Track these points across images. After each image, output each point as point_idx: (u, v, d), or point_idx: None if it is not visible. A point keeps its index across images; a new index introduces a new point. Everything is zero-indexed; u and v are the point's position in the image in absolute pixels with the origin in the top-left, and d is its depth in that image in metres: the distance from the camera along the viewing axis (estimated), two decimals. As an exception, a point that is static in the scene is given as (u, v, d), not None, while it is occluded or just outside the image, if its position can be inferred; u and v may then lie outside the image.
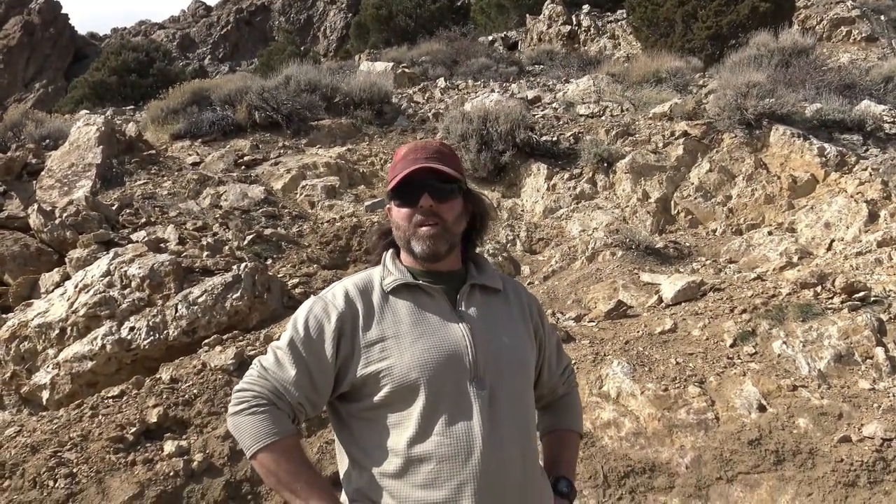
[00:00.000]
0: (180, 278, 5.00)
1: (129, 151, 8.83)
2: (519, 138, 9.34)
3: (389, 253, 1.86)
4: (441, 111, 11.74)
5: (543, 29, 19.76)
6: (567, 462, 2.02)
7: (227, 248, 5.88)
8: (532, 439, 1.81)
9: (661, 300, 5.51)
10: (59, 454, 3.41)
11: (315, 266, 5.91)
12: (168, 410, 3.74)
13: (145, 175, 8.32)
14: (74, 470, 3.31)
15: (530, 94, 12.18)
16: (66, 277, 5.54)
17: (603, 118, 10.51)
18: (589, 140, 9.48)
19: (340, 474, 1.83)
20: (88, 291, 4.93)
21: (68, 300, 4.97)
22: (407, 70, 15.53)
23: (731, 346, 4.42)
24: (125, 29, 53.22)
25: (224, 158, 9.54)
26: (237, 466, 3.45)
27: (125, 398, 3.92)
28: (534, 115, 10.67)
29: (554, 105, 11.44)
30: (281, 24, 43.81)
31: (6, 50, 41.62)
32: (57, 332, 4.85)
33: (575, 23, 19.50)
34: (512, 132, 9.34)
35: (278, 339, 1.83)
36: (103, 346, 4.63)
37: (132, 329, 4.70)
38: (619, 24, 18.75)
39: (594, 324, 5.26)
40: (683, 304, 5.31)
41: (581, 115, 10.79)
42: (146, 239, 5.79)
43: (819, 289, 4.83)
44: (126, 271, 5.00)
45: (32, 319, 4.97)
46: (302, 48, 30.78)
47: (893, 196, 7.22)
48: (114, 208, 6.83)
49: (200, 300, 4.81)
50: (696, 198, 8.41)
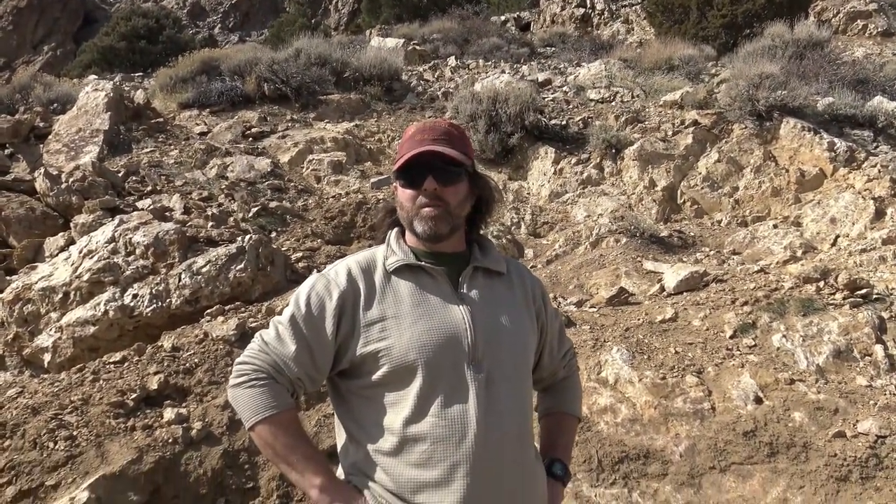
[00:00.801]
0: (184, 247, 5.02)
1: (136, 119, 8.82)
2: (528, 121, 9.30)
3: (394, 232, 1.86)
4: (451, 90, 11.69)
5: (556, 11, 19.60)
6: (563, 445, 2.04)
7: (231, 219, 5.88)
8: (528, 424, 1.81)
9: (663, 289, 5.52)
10: (60, 417, 3.43)
11: (319, 241, 5.91)
12: (169, 378, 3.76)
13: (152, 143, 8.31)
14: (74, 433, 3.33)
15: (541, 77, 12.10)
16: (71, 242, 5.56)
17: (613, 104, 10.45)
18: (598, 125, 9.43)
19: (338, 448, 1.85)
20: (93, 257, 4.95)
21: (72, 265, 4.99)
22: (418, 47, 15.43)
23: (731, 337, 4.43)
24: (135, -6, 52.84)
25: (232, 129, 9.53)
26: (235, 436, 3.48)
27: (126, 364, 3.95)
28: (544, 98, 10.62)
29: (564, 88, 11.37)
30: (292, -4, 43.44)
31: (15, 11, 41.32)
32: (60, 296, 4.88)
33: (589, 6, 19.35)
34: (521, 114, 9.30)
35: (280, 313, 1.84)
36: (106, 312, 4.66)
37: (135, 296, 4.72)
38: (634, 8, 18.58)
39: (595, 310, 5.27)
40: (685, 293, 5.31)
41: (591, 100, 10.73)
42: (151, 207, 5.80)
43: (821, 284, 4.83)
44: (131, 238, 5.02)
45: (36, 282, 4.99)
46: (313, 21, 30.56)
47: (901, 194, 7.18)
48: (120, 175, 6.83)
49: (204, 270, 4.83)
50: (702, 188, 8.38)
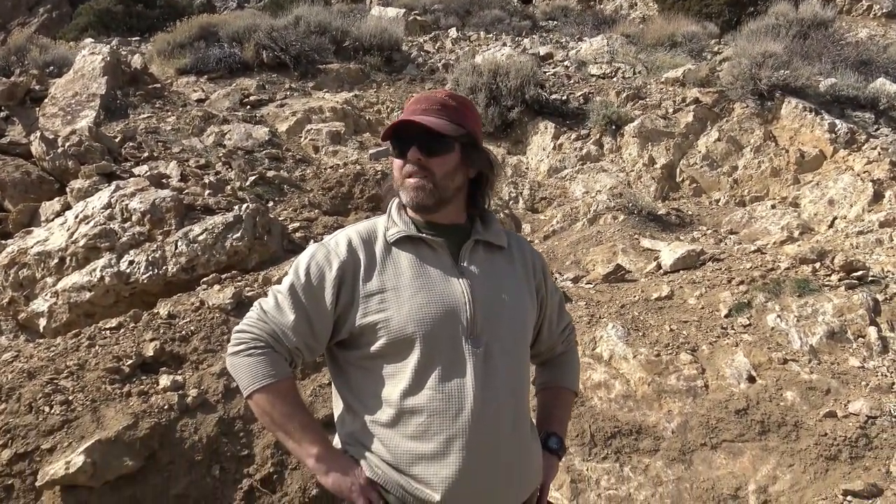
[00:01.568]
0: (181, 215, 4.99)
1: (133, 84, 8.72)
2: (528, 95, 9.24)
3: (395, 203, 1.84)
4: (451, 62, 11.58)
5: (560, -16, 19.34)
6: (559, 419, 2.05)
7: (229, 187, 5.85)
8: (524, 398, 1.82)
9: (659, 267, 5.53)
10: (56, 381, 3.44)
11: (316, 211, 5.89)
12: (164, 345, 3.76)
13: (149, 109, 8.23)
14: (70, 397, 3.34)
15: (542, 51, 11.99)
16: (67, 207, 5.53)
17: (614, 80, 10.37)
18: (599, 101, 9.38)
19: (335, 417, 1.86)
20: (89, 223, 4.92)
21: (68, 230, 4.96)
22: (419, 18, 15.26)
23: (726, 316, 4.45)
24: (133, -44, 52.05)
25: (230, 97, 9.44)
26: (231, 404, 3.49)
27: (122, 330, 3.95)
28: (545, 73, 10.53)
29: (566, 63, 11.28)
30: (293, -39, 42.82)
31: (11, -29, 40.70)
32: (56, 261, 4.86)
33: (593, -21, 19.09)
34: (521, 88, 9.23)
35: (277, 282, 1.83)
36: (102, 278, 4.64)
37: (131, 263, 4.70)
38: (638, -17, 18.35)
39: (591, 286, 5.28)
40: (682, 271, 5.33)
41: (592, 76, 10.65)
42: (148, 173, 5.76)
43: (818, 265, 4.85)
44: (127, 205, 4.99)
45: (32, 247, 4.97)
46: (313, -12, 30.12)
47: (900, 177, 7.18)
48: (117, 140, 6.77)
49: (201, 238, 4.81)
50: (702, 166, 8.36)
